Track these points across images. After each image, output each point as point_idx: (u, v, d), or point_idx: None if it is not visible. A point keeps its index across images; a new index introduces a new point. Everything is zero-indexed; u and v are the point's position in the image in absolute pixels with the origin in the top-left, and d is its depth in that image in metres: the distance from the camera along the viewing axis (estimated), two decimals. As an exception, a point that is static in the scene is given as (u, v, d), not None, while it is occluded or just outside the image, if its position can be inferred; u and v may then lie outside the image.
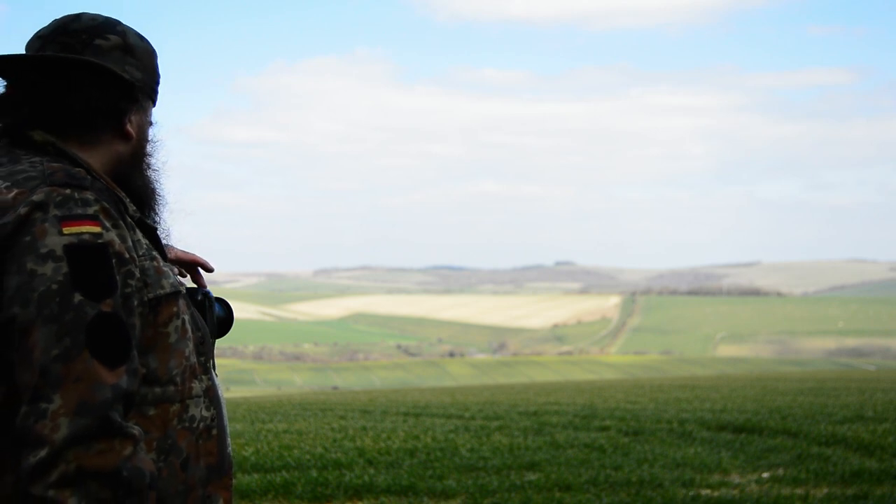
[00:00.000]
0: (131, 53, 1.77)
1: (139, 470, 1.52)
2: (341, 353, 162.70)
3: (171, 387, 1.67)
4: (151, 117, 1.86)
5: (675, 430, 9.68)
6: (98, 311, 1.52)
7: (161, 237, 1.83)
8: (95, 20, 1.77)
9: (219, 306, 2.17)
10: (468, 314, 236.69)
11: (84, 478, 1.46)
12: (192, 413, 1.71)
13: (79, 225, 1.55)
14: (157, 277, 1.67)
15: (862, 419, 10.15)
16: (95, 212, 1.58)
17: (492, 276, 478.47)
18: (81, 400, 1.48)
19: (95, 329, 1.51)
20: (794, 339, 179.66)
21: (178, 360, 1.69)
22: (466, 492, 6.52)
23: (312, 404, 16.38)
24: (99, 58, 1.72)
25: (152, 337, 1.65)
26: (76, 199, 1.57)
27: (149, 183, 1.83)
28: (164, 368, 1.66)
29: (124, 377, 1.53)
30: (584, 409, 12.79)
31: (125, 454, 1.50)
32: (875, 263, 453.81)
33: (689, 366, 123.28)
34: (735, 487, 6.73)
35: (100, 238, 1.56)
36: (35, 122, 1.71)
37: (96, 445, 1.48)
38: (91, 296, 1.52)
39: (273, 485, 6.67)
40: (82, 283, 1.52)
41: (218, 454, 1.76)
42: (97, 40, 1.74)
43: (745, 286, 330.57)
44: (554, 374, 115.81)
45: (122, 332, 1.55)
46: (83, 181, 1.61)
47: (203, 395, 1.75)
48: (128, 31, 1.79)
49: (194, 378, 1.73)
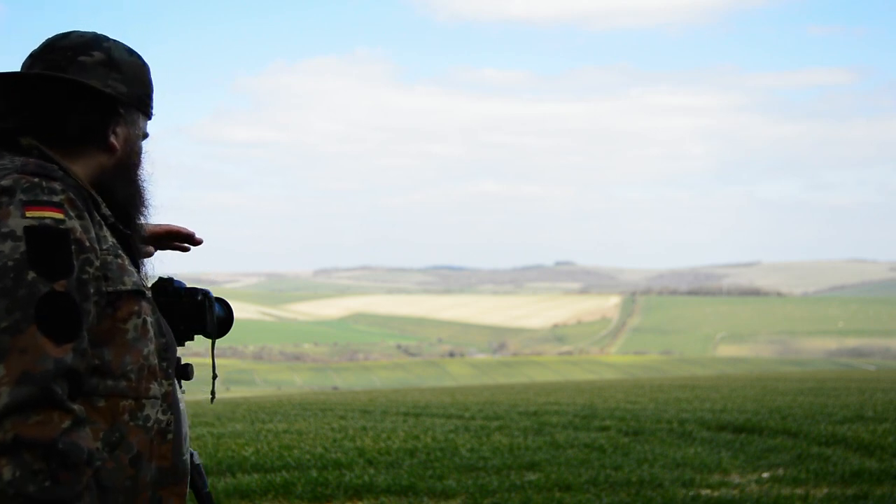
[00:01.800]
0: (115, 69, 1.84)
1: (76, 445, 1.55)
2: (341, 353, 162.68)
3: (124, 381, 1.70)
4: (144, 129, 1.92)
5: (675, 430, 9.68)
6: (50, 290, 1.58)
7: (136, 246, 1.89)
8: (83, 37, 1.84)
9: (219, 306, 2.17)
10: (468, 314, 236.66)
11: (20, 447, 1.50)
12: (147, 413, 1.73)
13: (42, 210, 1.62)
14: (118, 273, 1.72)
15: (862, 419, 10.15)
16: (61, 200, 1.64)
17: (492, 276, 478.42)
18: (24, 370, 1.53)
19: (46, 306, 1.57)
20: (795, 339, 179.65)
21: (135, 358, 1.72)
22: (466, 492, 6.52)
23: (312, 404, 16.38)
24: (82, 74, 1.80)
25: (109, 330, 1.69)
26: (43, 187, 1.64)
27: (135, 194, 1.88)
28: (117, 362, 1.70)
29: (70, 354, 1.57)
30: (584, 409, 12.78)
31: (63, 427, 1.54)
32: (875, 263, 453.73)
33: (689, 366, 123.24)
34: (735, 487, 6.72)
35: (62, 224, 1.62)
36: (22, 132, 1.79)
37: (35, 416, 1.52)
38: (45, 275, 1.58)
39: (273, 485, 6.67)
40: (38, 263, 1.58)
41: (172, 459, 1.79)
42: (81, 57, 1.81)
43: (745, 286, 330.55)
44: (554, 375, 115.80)
45: (73, 312, 1.60)
46: (53, 173, 1.69)
47: (161, 399, 1.77)
48: (114, 47, 1.86)
49: (153, 380, 1.76)
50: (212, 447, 8.68)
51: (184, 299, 2.10)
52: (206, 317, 2.11)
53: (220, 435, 9.97)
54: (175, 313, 2.09)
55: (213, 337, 2.15)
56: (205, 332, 2.13)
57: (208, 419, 12.63)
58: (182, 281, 2.13)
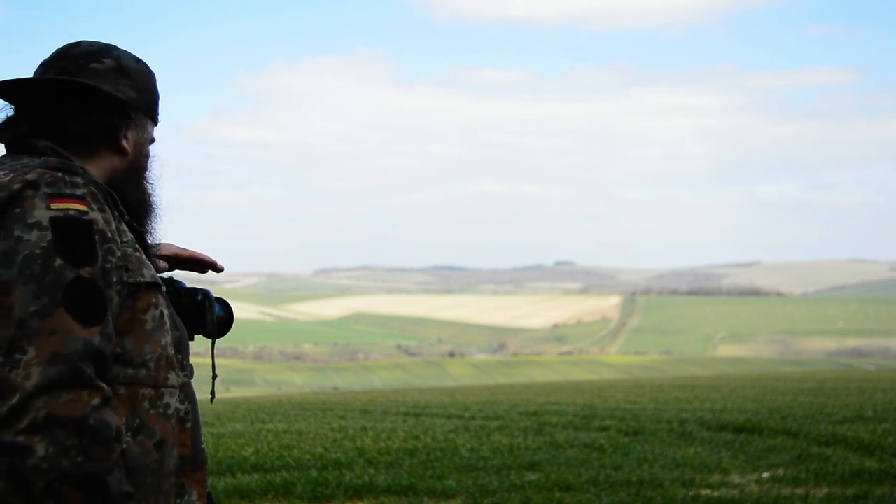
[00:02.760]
0: (126, 75, 1.92)
1: (106, 422, 1.60)
2: (341, 353, 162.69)
3: (143, 370, 1.76)
4: (151, 134, 1.99)
5: (675, 430, 9.68)
6: (76, 275, 1.64)
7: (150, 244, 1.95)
8: (93, 46, 1.93)
9: (219, 306, 2.17)
10: (468, 314, 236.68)
11: (52, 425, 1.55)
12: (166, 401, 1.79)
13: (66, 202, 1.68)
14: (138, 265, 1.78)
15: (862, 419, 10.15)
16: (83, 193, 1.70)
17: (492, 276, 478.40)
18: (54, 351, 1.58)
19: (73, 290, 1.63)
20: (795, 339, 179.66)
21: (153, 347, 1.78)
22: (466, 492, 6.52)
23: (312, 404, 16.38)
24: (95, 79, 1.87)
25: (129, 320, 1.75)
26: (66, 181, 1.70)
27: (144, 196, 1.95)
28: (138, 351, 1.75)
29: (97, 336, 1.63)
30: (584, 409, 12.78)
31: (93, 404, 1.59)
32: (875, 263, 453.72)
33: (689, 366, 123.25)
34: (735, 487, 6.72)
35: (85, 215, 1.68)
36: (37, 135, 1.87)
37: (65, 394, 1.56)
38: (71, 261, 1.64)
39: (273, 485, 6.67)
40: (64, 250, 1.64)
41: (192, 447, 1.84)
42: (93, 64, 1.89)
43: (745, 286, 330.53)
44: (554, 374, 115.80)
45: (99, 296, 1.66)
46: (76, 169, 1.76)
47: (178, 388, 1.83)
48: (123, 56, 1.94)
49: (171, 370, 1.81)
50: (212, 447, 8.68)
51: (184, 299, 2.10)
52: (206, 317, 2.11)
53: (220, 435, 9.97)
54: (175, 313, 2.09)
55: (213, 337, 2.15)
56: (205, 332, 2.14)
57: (208, 419, 12.63)
58: (182, 281, 2.14)
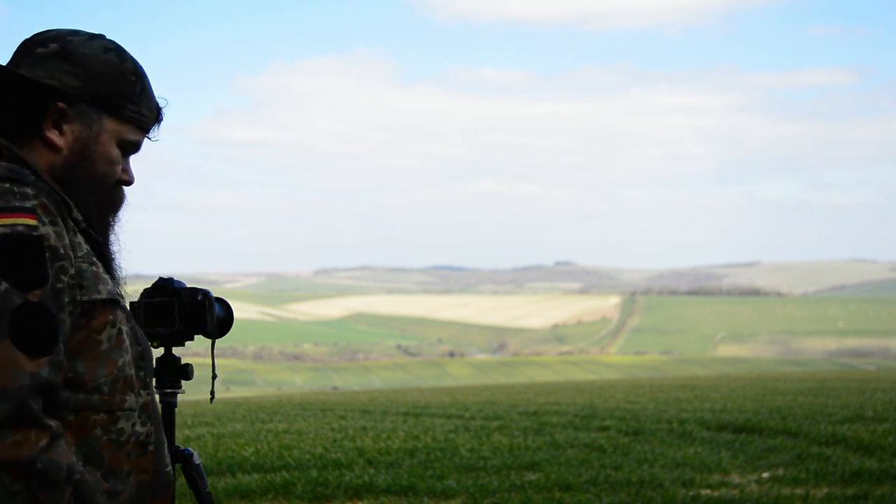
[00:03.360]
0: (69, 61, 1.72)
1: (55, 462, 1.50)
2: (341, 354, 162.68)
3: (96, 395, 1.63)
4: (125, 135, 1.77)
5: (675, 430, 9.68)
6: (24, 301, 1.52)
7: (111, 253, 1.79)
8: (53, 32, 1.76)
9: (219, 306, 2.18)
10: (468, 314, 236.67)
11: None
12: (120, 426, 1.66)
13: (14, 217, 1.55)
14: (94, 281, 1.64)
15: (862, 419, 10.15)
16: (33, 206, 1.57)
17: (492, 276, 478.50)
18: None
19: (19, 318, 1.50)
20: (795, 339, 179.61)
21: (109, 370, 1.65)
22: (466, 492, 6.52)
23: (312, 404, 16.39)
24: (33, 65, 1.71)
25: (83, 341, 1.62)
26: (15, 193, 1.58)
27: (92, 200, 1.75)
28: (91, 375, 1.63)
29: (45, 367, 1.52)
30: (584, 409, 12.79)
31: (40, 445, 1.49)
32: (875, 263, 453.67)
33: (689, 366, 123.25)
34: (735, 487, 6.73)
35: (35, 231, 1.55)
36: None
37: (11, 436, 1.47)
38: (18, 285, 1.52)
39: (273, 485, 6.67)
40: (10, 273, 1.52)
41: (153, 471, 1.72)
42: (39, 49, 1.73)
43: (745, 286, 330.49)
44: (554, 375, 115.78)
45: (48, 323, 1.54)
46: (25, 177, 1.62)
47: (139, 410, 1.70)
48: (78, 42, 1.74)
49: (129, 391, 1.68)
50: (212, 447, 8.68)
51: (184, 299, 2.10)
52: (206, 317, 2.12)
53: (220, 435, 9.97)
54: (175, 313, 2.09)
55: (213, 337, 2.15)
56: (205, 332, 2.13)
57: (208, 419, 12.64)
58: (182, 281, 2.14)
